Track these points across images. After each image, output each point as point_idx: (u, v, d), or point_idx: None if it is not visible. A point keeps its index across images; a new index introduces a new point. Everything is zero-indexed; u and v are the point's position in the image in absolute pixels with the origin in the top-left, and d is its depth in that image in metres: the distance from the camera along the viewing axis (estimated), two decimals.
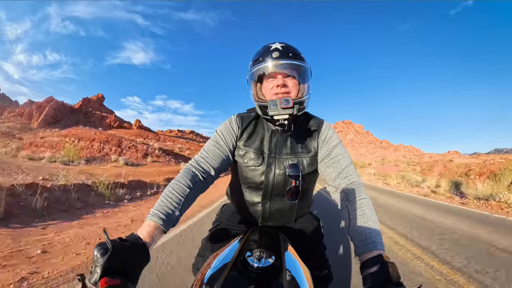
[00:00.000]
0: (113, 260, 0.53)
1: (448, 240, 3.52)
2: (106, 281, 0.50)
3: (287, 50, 0.89)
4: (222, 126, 1.01)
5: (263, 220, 1.05)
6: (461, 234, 3.83)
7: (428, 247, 3.19)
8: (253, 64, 0.93)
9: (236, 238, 0.87)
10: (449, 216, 5.12)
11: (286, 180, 0.93)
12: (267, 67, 0.88)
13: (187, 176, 0.85)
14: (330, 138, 0.96)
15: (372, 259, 0.63)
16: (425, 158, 46.41)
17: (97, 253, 0.53)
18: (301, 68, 0.91)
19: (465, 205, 6.64)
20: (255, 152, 0.96)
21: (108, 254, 0.53)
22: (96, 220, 4.13)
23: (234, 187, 1.14)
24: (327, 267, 1.00)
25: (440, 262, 2.71)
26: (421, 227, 4.19)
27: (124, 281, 0.53)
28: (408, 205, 6.38)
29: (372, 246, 0.67)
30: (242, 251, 0.71)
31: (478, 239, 3.55)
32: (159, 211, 0.73)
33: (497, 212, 5.60)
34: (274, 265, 0.63)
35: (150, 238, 0.66)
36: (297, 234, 1.06)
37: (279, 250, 0.77)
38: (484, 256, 2.93)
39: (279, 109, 0.82)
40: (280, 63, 0.87)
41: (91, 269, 0.53)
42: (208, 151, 0.94)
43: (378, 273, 0.59)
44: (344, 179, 0.87)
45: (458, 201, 7.20)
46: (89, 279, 0.52)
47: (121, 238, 0.59)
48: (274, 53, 0.87)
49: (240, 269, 0.63)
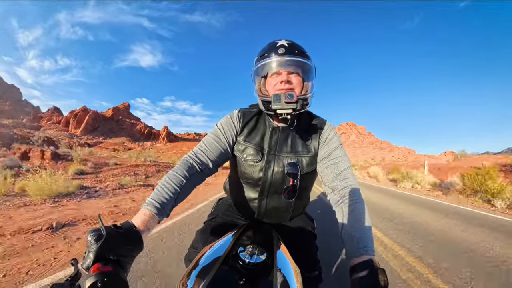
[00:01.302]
0: (107, 246, 0.53)
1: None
2: (99, 267, 0.50)
3: (293, 47, 0.88)
4: (223, 120, 1.00)
5: (258, 217, 1.05)
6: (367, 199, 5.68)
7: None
8: (259, 59, 0.92)
9: (230, 232, 0.87)
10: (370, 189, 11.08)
11: (284, 178, 0.93)
12: (272, 63, 0.88)
13: (185, 167, 0.85)
14: (331, 140, 0.95)
15: (362, 264, 0.63)
16: (410, 158, 50.95)
17: (91, 238, 0.53)
18: (306, 65, 0.90)
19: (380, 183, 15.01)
20: (255, 148, 0.95)
21: (102, 240, 0.53)
22: None
23: (232, 182, 1.14)
24: (317, 269, 1.01)
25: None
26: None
27: (116, 267, 0.53)
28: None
29: (363, 250, 0.67)
30: (235, 246, 0.71)
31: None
32: (155, 200, 0.73)
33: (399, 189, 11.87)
34: (265, 262, 0.64)
35: (145, 227, 0.66)
36: (290, 233, 1.07)
37: (272, 247, 0.77)
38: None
39: (283, 103, 0.81)
40: (286, 60, 0.87)
41: (84, 254, 0.53)
42: (207, 144, 0.94)
43: (366, 278, 0.59)
44: (342, 181, 0.86)
45: (380, 182, 15.76)
46: (81, 264, 0.52)
47: (115, 225, 0.59)
48: (280, 50, 0.87)
49: (231, 263, 0.64)
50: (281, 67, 0.88)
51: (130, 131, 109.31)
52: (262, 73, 0.94)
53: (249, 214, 1.07)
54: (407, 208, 6.41)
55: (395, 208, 6.34)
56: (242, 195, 1.05)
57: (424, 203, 7.31)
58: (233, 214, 1.15)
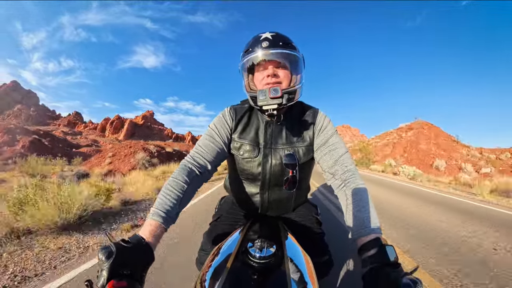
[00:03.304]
0: (118, 262, 0.53)
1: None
2: (114, 284, 0.50)
3: (277, 39, 0.87)
4: (216, 119, 1.00)
5: (262, 211, 1.06)
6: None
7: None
8: (244, 55, 0.91)
9: (236, 230, 0.88)
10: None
11: (283, 170, 0.93)
12: (257, 57, 0.86)
13: (184, 172, 0.84)
14: (326, 127, 0.96)
15: (370, 242, 0.65)
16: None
17: (102, 256, 0.53)
18: (292, 57, 0.89)
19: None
20: (251, 144, 0.95)
21: (113, 256, 0.53)
22: None
23: (232, 180, 1.14)
24: (327, 253, 1.03)
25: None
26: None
27: (130, 282, 0.53)
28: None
29: (369, 230, 0.69)
30: (243, 243, 0.72)
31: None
32: (159, 210, 0.73)
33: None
34: (276, 254, 0.64)
35: (153, 238, 0.66)
36: (296, 222, 1.08)
37: (280, 239, 0.78)
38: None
39: (268, 99, 0.80)
40: (270, 53, 0.85)
41: (97, 273, 0.53)
42: (203, 146, 0.93)
43: (376, 255, 0.61)
44: (341, 166, 0.87)
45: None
46: (96, 283, 0.52)
47: (124, 239, 0.59)
48: (264, 43, 0.85)
49: (243, 260, 0.64)
50: (266, 61, 0.87)
51: (161, 136, 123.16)
52: (249, 68, 0.93)
53: (252, 209, 1.08)
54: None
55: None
56: (244, 192, 1.05)
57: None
58: (237, 211, 1.16)
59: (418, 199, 6.20)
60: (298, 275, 0.62)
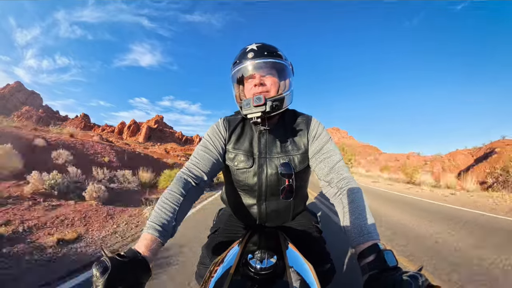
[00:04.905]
0: (114, 278, 0.51)
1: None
2: None
3: (263, 49, 0.90)
4: (210, 130, 1.00)
5: (260, 221, 1.04)
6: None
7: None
8: (232, 67, 0.94)
9: (236, 242, 0.86)
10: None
11: (279, 179, 0.93)
12: (244, 68, 0.90)
13: (179, 184, 0.83)
14: (320, 134, 0.96)
15: (368, 249, 0.64)
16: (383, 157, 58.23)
17: (97, 272, 0.51)
18: (278, 65, 0.91)
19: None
20: (245, 154, 0.95)
21: (108, 272, 0.50)
22: None
23: (228, 191, 1.13)
24: (329, 261, 1.01)
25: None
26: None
27: None
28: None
29: (368, 236, 0.68)
30: (243, 254, 0.70)
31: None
32: (155, 223, 0.71)
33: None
34: (277, 264, 0.63)
35: (149, 252, 0.64)
36: (296, 231, 1.07)
37: (280, 249, 0.76)
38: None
39: (252, 107, 0.83)
40: (256, 63, 0.88)
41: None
42: (198, 157, 0.93)
43: (375, 261, 0.60)
44: (337, 174, 0.87)
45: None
46: None
47: (119, 254, 0.57)
48: (250, 54, 0.89)
49: (243, 272, 0.63)
50: (253, 71, 0.90)
51: (173, 138, 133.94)
52: (238, 79, 0.96)
53: (251, 220, 1.06)
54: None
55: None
56: (241, 203, 1.04)
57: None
58: (235, 223, 1.13)
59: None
60: (301, 284, 0.60)
